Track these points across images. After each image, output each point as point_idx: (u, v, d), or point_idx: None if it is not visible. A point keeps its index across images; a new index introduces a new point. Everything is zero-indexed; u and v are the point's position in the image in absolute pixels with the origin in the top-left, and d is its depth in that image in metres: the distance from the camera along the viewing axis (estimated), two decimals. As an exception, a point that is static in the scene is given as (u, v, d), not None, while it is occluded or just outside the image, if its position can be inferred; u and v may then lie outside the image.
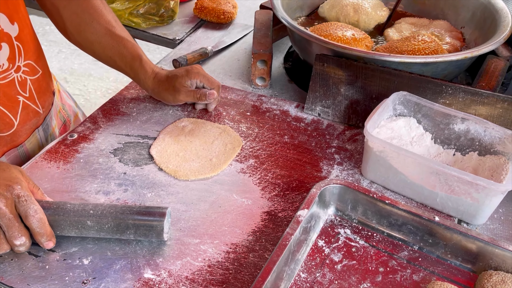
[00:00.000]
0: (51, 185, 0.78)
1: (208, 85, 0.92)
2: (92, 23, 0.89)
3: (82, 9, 0.89)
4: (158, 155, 0.85)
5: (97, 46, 0.91)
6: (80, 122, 1.05)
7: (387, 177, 0.80)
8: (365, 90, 0.92)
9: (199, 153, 0.85)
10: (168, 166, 0.83)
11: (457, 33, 1.10)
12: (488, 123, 0.79)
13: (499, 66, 0.95)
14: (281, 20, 1.00)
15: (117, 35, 0.91)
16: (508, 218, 0.76)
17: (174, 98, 0.92)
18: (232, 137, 0.89)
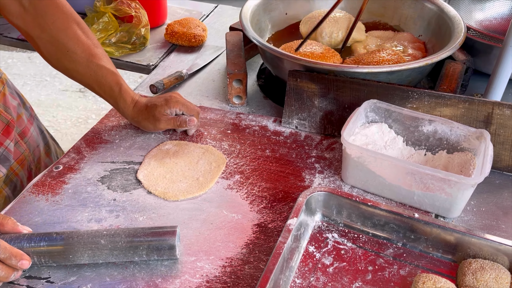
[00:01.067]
0: (41, 218, 0.79)
1: (187, 112, 0.95)
2: (68, 53, 0.89)
3: (57, 39, 0.89)
4: (145, 179, 0.87)
5: (75, 74, 0.93)
6: (24, 123, 1.03)
7: (366, 181, 0.85)
8: (338, 101, 0.97)
9: (185, 174, 0.88)
10: (157, 189, 0.85)
11: (419, 44, 1.17)
12: (453, 123, 0.86)
13: (457, 69, 1.03)
14: (253, 40, 1.04)
15: (95, 64, 0.91)
16: (479, 209, 0.82)
17: (155, 126, 0.94)
18: (215, 156, 0.92)
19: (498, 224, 0.79)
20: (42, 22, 0.88)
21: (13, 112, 0.98)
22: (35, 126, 1.09)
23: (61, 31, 0.89)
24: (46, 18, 0.88)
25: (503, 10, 1.32)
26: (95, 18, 1.29)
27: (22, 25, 0.88)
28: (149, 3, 1.36)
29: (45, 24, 0.88)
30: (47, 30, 0.88)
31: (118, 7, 1.27)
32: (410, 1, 1.21)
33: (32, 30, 0.88)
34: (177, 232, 0.70)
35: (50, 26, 0.88)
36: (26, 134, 1.03)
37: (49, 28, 0.88)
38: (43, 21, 0.88)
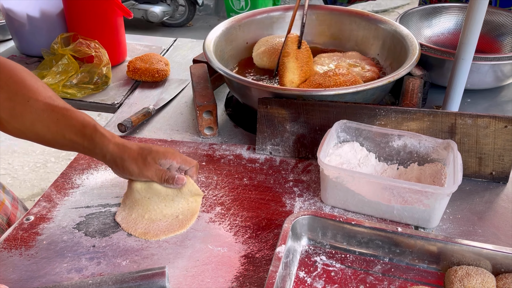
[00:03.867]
0: (17, 275, 0.74)
1: (185, 164, 0.84)
2: (29, 102, 0.77)
3: (14, 92, 0.77)
4: (124, 222, 0.84)
5: (39, 126, 0.78)
6: (8, 208, 1.00)
7: (346, 200, 0.86)
8: (309, 124, 0.99)
9: (163, 212, 0.86)
10: (137, 230, 0.82)
11: (370, 60, 1.23)
12: (421, 136, 0.89)
13: (416, 84, 1.08)
14: (219, 71, 1.05)
15: (60, 107, 0.79)
16: (455, 216, 0.85)
17: (140, 172, 0.81)
18: (192, 191, 0.86)
19: (475, 229, 0.82)
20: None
21: None
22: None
23: (18, 83, 0.79)
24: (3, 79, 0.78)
25: (449, 25, 1.41)
26: (53, 61, 1.26)
27: None
28: (108, 42, 1.35)
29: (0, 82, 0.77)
30: (3, 86, 0.77)
31: (77, 48, 1.25)
32: (364, 23, 1.27)
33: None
34: (166, 273, 0.68)
35: (6, 82, 0.78)
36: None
37: (6, 84, 0.77)
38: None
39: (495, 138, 0.90)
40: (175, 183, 0.82)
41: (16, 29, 1.41)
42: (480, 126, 0.90)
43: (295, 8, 1.19)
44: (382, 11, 5.39)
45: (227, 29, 1.23)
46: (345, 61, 1.21)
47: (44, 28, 1.36)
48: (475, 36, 0.96)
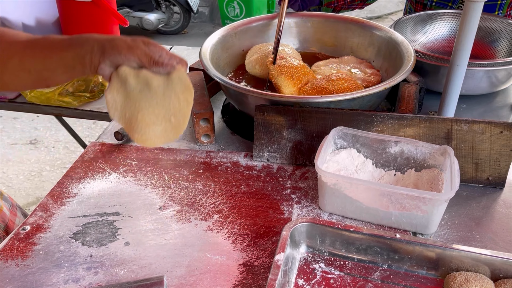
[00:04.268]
0: (13, 285, 0.73)
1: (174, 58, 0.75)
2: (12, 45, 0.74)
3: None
4: (122, 122, 0.75)
5: (28, 61, 0.74)
6: (6, 215, 0.99)
7: (344, 207, 0.86)
8: (306, 131, 0.99)
9: (155, 111, 0.75)
10: (134, 135, 0.75)
11: (366, 63, 1.24)
12: (418, 142, 0.90)
13: (412, 90, 1.09)
14: (216, 79, 1.05)
15: (38, 37, 0.75)
16: (453, 222, 0.86)
17: (130, 49, 0.72)
18: (182, 79, 0.75)
19: (472, 235, 0.83)
20: None
21: None
22: None
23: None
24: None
25: (443, 32, 1.42)
26: (49, 69, 1.26)
27: None
28: (104, 50, 1.35)
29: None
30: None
31: (73, 56, 1.25)
32: (359, 30, 1.28)
33: None
34: (165, 282, 0.67)
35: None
36: None
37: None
38: None
39: (491, 143, 0.90)
40: (164, 67, 0.73)
41: (12, 38, 1.40)
42: (476, 132, 0.90)
43: (279, 18, 1.20)
44: (376, 18, 5.43)
45: (223, 37, 1.24)
46: (345, 68, 1.21)
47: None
48: (470, 43, 0.96)
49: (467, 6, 0.93)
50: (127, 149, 1.07)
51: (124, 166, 1.01)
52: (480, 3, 0.92)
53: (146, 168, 1.01)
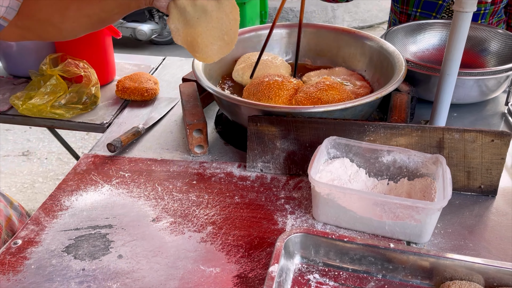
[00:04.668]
0: (4, 301, 0.72)
1: None
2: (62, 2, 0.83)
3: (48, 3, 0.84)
4: (185, 44, 0.87)
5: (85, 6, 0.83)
6: (14, 224, 1.00)
7: (338, 217, 0.86)
8: (299, 141, 1.00)
9: (212, 34, 0.87)
10: (196, 54, 0.88)
11: (357, 75, 1.25)
12: (410, 151, 0.90)
13: (404, 99, 1.10)
14: (208, 90, 1.06)
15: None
16: (446, 231, 0.86)
17: None
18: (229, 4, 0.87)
19: (466, 243, 0.83)
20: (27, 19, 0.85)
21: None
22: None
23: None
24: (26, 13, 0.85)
25: (433, 41, 1.44)
26: (41, 81, 1.26)
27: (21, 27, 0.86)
28: (97, 61, 1.35)
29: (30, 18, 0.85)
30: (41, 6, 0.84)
31: (66, 69, 1.24)
32: (351, 41, 1.29)
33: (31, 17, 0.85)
34: None
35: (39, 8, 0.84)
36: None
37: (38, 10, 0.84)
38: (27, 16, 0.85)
39: (482, 152, 0.91)
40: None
41: (4, 50, 1.40)
42: (468, 141, 0.91)
43: (270, 28, 1.21)
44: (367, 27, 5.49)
45: (215, 48, 1.24)
46: (336, 79, 1.22)
47: (33, 49, 1.36)
48: (459, 53, 0.98)
49: (456, 16, 0.94)
50: (120, 161, 1.06)
51: (117, 178, 1.01)
52: (469, 13, 0.94)
53: (139, 179, 1.00)
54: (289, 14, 5.24)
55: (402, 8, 1.55)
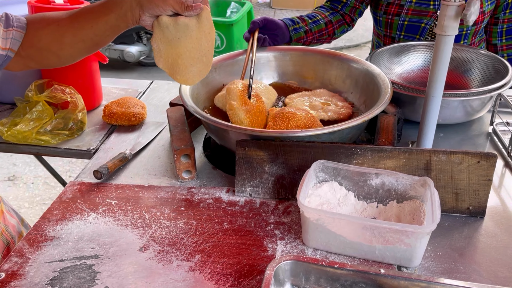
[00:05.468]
0: None
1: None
2: (60, 28, 0.92)
3: (49, 32, 0.92)
4: (167, 68, 0.93)
5: (79, 33, 0.91)
6: None
7: (328, 242, 0.86)
8: (287, 165, 0.99)
9: (192, 55, 0.92)
10: (178, 77, 0.94)
11: (339, 96, 1.26)
12: (398, 174, 0.90)
13: (391, 121, 1.11)
14: (196, 115, 1.05)
15: (79, 13, 0.92)
16: (437, 253, 0.86)
17: (164, 1, 0.87)
18: (209, 19, 0.92)
19: (456, 266, 0.82)
20: (38, 30, 0.94)
21: (12, 231, 0.97)
22: None
23: (47, 23, 0.93)
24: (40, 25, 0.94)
25: (418, 62, 1.46)
26: (27, 108, 1.24)
27: (25, 57, 0.95)
28: (84, 87, 1.34)
29: (40, 29, 0.94)
30: (42, 32, 0.93)
31: (52, 95, 1.24)
32: (337, 63, 1.31)
33: (32, 47, 0.93)
34: None
35: (43, 27, 0.93)
36: None
37: (43, 29, 0.93)
38: (38, 30, 0.94)
39: (469, 173, 0.91)
40: (194, 9, 0.88)
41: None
42: (454, 162, 0.92)
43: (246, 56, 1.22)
44: (354, 46, 5.58)
45: (203, 72, 1.24)
46: (317, 100, 1.23)
47: (18, 75, 1.35)
48: (443, 75, 0.99)
49: (438, 40, 0.96)
50: (106, 188, 1.05)
51: (103, 206, 0.99)
52: (451, 36, 0.96)
53: (126, 207, 0.99)
54: (276, 34, 5.30)
55: (386, 32, 1.58)
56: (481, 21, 1.50)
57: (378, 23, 1.61)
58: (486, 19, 1.51)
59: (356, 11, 1.59)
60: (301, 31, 1.50)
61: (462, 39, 1.52)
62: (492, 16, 1.54)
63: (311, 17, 1.55)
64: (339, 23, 1.58)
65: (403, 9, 1.49)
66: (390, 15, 1.53)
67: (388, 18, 1.54)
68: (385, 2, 1.53)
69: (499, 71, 1.31)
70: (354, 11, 1.59)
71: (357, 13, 1.61)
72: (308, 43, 1.55)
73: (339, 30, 1.60)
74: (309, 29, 1.52)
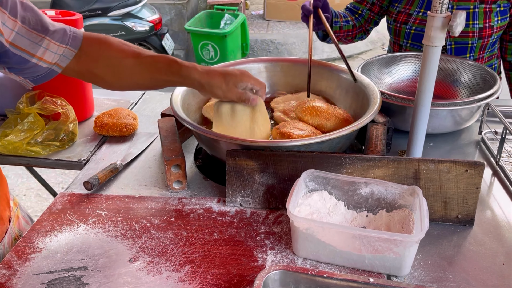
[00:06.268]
0: None
1: (256, 85, 1.02)
2: (122, 62, 0.95)
3: (109, 59, 0.95)
4: None
5: (136, 77, 0.97)
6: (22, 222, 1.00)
7: (317, 251, 0.86)
8: (277, 174, 1.00)
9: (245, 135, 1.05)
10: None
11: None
12: (387, 183, 0.91)
13: (380, 131, 1.11)
14: (186, 125, 1.06)
15: (145, 56, 0.96)
16: (426, 262, 0.86)
17: (224, 94, 0.99)
18: (262, 111, 1.07)
19: (445, 275, 0.83)
20: (95, 55, 0.95)
21: None
22: None
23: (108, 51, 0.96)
24: (94, 51, 0.95)
25: (407, 73, 1.48)
26: (18, 119, 1.24)
27: (83, 68, 0.95)
28: (75, 98, 1.35)
29: (96, 55, 0.95)
30: (99, 59, 0.95)
31: (43, 106, 1.24)
32: (327, 74, 1.32)
33: (90, 66, 0.95)
34: None
35: (100, 54, 0.95)
36: None
37: (101, 56, 0.95)
38: (96, 54, 0.95)
39: (457, 182, 0.92)
40: (251, 102, 1.02)
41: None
42: (443, 171, 0.92)
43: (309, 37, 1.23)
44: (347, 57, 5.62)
45: (194, 83, 1.25)
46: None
47: (9, 87, 1.35)
48: (431, 85, 1.00)
49: (426, 50, 0.98)
50: (97, 199, 1.04)
51: (93, 217, 0.99)
52: (438, 47, 0.97)
53: (116, 218, 0.98)
54: (269, 46, 5.35)
55: (395, 39, 1.60)
56: (489, 36, 1.47)
57: (389, 31, 1.63)
58: (495, 34, 1.48)
59: (371, 21, 1.62)
60: (337, 25, 1.55)
61: (468, 52, 1.50)
62: (507, 33, 1.52)
63: (344, 16, 1.59)
64: (360, 29, 1.62)
65: (411, 18, 1.51)
66: (399, 23, 1.55)
67: (397, 26, 1.56)
68: (395, 10, 1.55)
69: (487, 81, 1.33)
70: (369, 21, 1.62)
71: (372, 23, 1.64)
72: (339, 39, 1.59)
73: (358, 36, 1.64)
74: (342, 26, 1.57)
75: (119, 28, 4.43)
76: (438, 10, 0.93)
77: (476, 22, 1.44)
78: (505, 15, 1.45)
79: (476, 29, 1.44)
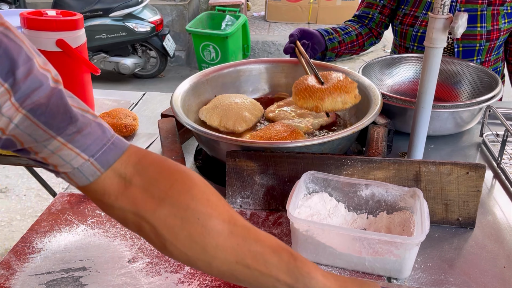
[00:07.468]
0: None
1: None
2: (200, 220, 0.62)
3: (181, 205, 0.62)
4: None
5: (216, 253, 0.63)
6: None
7: (317, 253, 0.85)
8: (277, 176, 0.99)
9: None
10: None
11: None
12: (388, 185, 0.91)
13: (381, 133, 1.11)
14: (186, 126, 1.06)
15: (240, 228, 0.64)
16: (427, 265, 0.85)
17: None
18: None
19: (446, 277, 0.82)
20: (156, 191, 0.63)
21: None
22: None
23: (185, 193, 0.63)
24: (160, 183, 0.63)
25: (408, 74, 1.47)
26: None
27: (127, 205, 0.63)
28: (76, 98, 1.34)
29: (160, 192, 0.63)
30: (165, 198, 0.62)
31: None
32: (328, 75, 1.31)
33: (142, 207, 0.62)
34: None
35: (168, 192, 0.63)
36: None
37: (167, 195, 0.63)
38: (157, 189, 0.63)
39: (458, 184, 0.92)
40: None
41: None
42: (444, 173, 0.92)
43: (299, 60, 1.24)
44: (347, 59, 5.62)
45: (194, 84, 1.25)
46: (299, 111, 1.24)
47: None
48: (433, 86, 1.00)
49: (427, 52, 0.97)
50: (96, 199, 1.04)
51: (92, 218, 0.98)
52: (439, 49, 0.97)
53: (115, 218, 0.98)
54: (271, 47, 5.35)
55: (401, 42, 1.60)
56: (496, 38, 1.46)
57: (395, 33, 1.63)
58: (502, 36, 1.47)
59: (382, 24, 1.62)
60: (335, 41, 1.54)
61: (476, 55, 1.49)
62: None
63: (343, 29, 1.58)
64: (368, 35, 1.61)
65: (417, 20, 1.50)
66: (405, 25, 1.54)
67: (403, 29, 1.55)
68: (401, 12, 1.55)
69: (488, 83, 1.32)
70: (380, 25, 1.62)
71: (383, 27, 1.63)
72: (341, 54, 1.59)
73: (368, 42, 1.63)
74: (342, 39, 1.55)
75: (120, 29, 4.44)
76: (439, 11, 0.93)
77: (484, 24, 1.43)
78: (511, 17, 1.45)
79: (484, 31, 1.44)
